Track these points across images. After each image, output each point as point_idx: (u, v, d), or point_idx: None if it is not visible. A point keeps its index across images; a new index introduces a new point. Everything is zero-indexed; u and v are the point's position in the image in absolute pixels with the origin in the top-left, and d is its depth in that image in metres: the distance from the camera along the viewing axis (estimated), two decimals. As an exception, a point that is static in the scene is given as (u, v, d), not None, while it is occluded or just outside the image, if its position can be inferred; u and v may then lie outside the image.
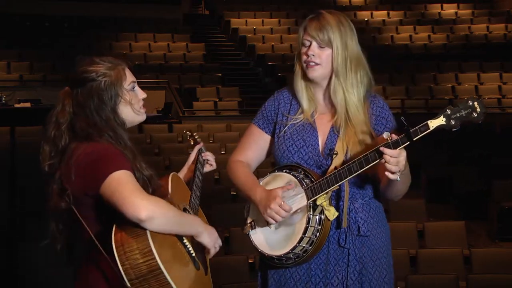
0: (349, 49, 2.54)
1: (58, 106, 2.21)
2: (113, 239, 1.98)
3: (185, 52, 15.66)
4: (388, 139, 2.32)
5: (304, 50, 2.56)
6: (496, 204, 8.00)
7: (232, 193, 7.37)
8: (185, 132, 2.90)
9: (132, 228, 1.98)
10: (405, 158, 2.32)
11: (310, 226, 2.44)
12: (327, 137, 2.57)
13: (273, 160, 2.72)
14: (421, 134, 2.31)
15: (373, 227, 2.56)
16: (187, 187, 2.50)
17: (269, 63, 15.28)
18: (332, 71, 2.55)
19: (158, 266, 1.96)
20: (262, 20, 17.80)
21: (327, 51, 2.53)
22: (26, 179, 7.21)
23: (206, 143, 9.67)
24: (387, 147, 2.31)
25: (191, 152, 2.69)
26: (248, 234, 2.62)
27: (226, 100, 13.56)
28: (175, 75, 14.27)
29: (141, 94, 2.29)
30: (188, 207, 2.37)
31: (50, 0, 16.29)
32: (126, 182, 2.00)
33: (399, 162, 2.30)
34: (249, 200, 2.60)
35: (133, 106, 2.23)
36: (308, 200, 2.46)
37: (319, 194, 2.45)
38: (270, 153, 2.73)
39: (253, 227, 2.61)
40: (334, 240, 2.53)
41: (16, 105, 11.89)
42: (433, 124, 2.31)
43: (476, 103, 2.31)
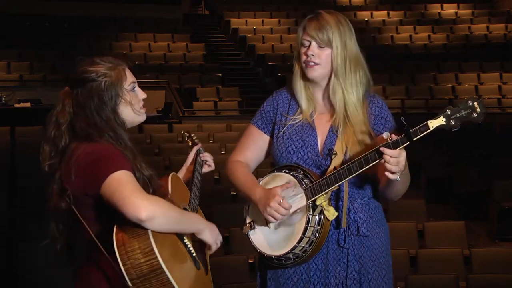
0: (348, 49, 2.54)
1: (58, 106, 2.21)
2: (114, 239, 1.98)
3: (185, 52, 15.65)
4: (388, 139, 2.32)
5: (303, 50, 2.56)
6: (496, 204, 7.99)
7: (232, 193, 7.37)
8: (183, 133, 2.90)
9: (133, 228, 1.98)
10: (405, 158, 2.32)
11: (310, 226, 2.44)
12: (326, 137, 2.57)
13: (272, 161, 2.72)
14: (421, 134, 2.31)
15: (372, 227, 2.56)
16: (186, 187, 2.51)
17: (269, 63, 15.28)
18: (331, 71, 2.55)
19: (159, 265, 1.96)
20: (262, 20, 17.80)
21: (327, 51, 2.53)
22: (26, 179, 7.21)
23: (206, 143, 9.69)
24: (387, 147, 2.31)
25: (190, 152, 2.70)
26: (247, 234, 2.62)
27: (226, 100, 13.55)
28: (175, 75, 14.26)
29: (141, 94, 2.29)
30: (188, 207, 2.37)
31: (50, 0, 16.29)
32: (126, 182, 2.00)
33: (399, 162, 2.30)
34: (249, 199, 2.60)
35: (133, 107, 2.23)
36: (307, 200, 2.46)
37: (319, 194, 2.45)
38: (269, 154, 2.73)
39: (252, 227, 2.61)
40: (334, 240, 2.53)
41: (16, 105, 11.88)
42: (433, 124, 2.31)
43: (476, 103, 2.31)
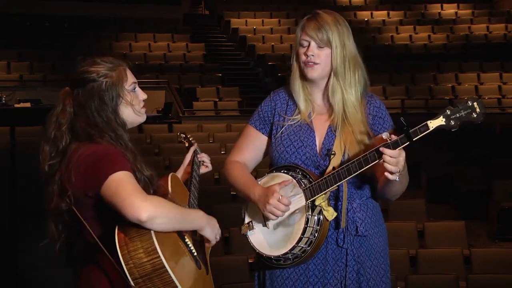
0: (347, 48, 2.54)
1: (58, 106, 2.20)
2: (116, 239, 1.98)
3: (185, 52, 15.65)
4: (387, 139, 2.32)
5: (302, 50, 2.56)
6: (496, 204, 7.99)
7: (232, 193, 7.36)
8: (179, 134, 2.89)
9: (135, 228, 1.98)
10: (404, 158, 2.32)
11: (309, 227, 2.43)
12: (325, 138, 2.57)
13: (270, 161, 2.70)
14: (420, 134, 2.31)
15: (371, 227, 2.56)
16: (185, 187, 2.51)
17: (269, 63, 15.28)
18: (330, 71, 2.55)
19: (162, 264, 1.96)
20: (262, 20, 17.80)
21: (326, 51, 2.53)
22: (26, 179, 7.20)
23: (206, 143, 9.69)
24: (386, 147, 2.31)
25: (187, 153, 2.70)
26: (246, 234, 2.61)
27: (226, 100, 13.55)
28: (175, 75, 14.26)
29: (142, 95, 2.28)
30: (187, 207, 2.37)
31: (50, 0, 16.29)
32: (127, 183, 2.00)
33: (398, 162, 2.30)
34: (248, 199, 2.60)
35: (134, 107, 2.23)
36: (306, 200, 2.46)
37: (318, 194, 2.45)
38: (267, 154, 2.72)
39: (251, 227, 2.60)
40: (333, 240, 2.53)
41: (16, 105, 11.89)
42: (432, 124, 2.31)
43: (475, 104, 2.31)
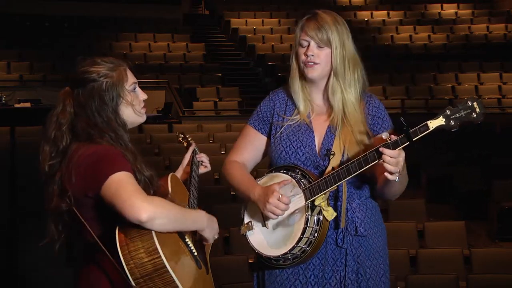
0: (346, 48, 2.54)
1: (58, 106, 2.20)
2: (117, 239, 1.98)
3: (185, 52, 15.65)
4: (387, 139, 2.32)
5: (302, 50, 2.55)
6: (496, 204, 7.99)
7: (232, 193, 7.36)
8: (178, 134, 2.89)
9: (136, 228, 1.98)
10: (404, 158, 2.31)
11: (308, 227, 2.43)
12: (324, 138, 2.56)
13: (269, 161, 2.69)
14: (420, 134, 2.31)
15: (370, 227, 2.56)
16: (185, 187, 2.51)
17: (269, 63, 15.28)
18: (330, 70, 2.55)
19: (163, 264, 1.96)
20: (262, 20, 17.80)
21: (326, 51, 2.53)
22: (26, 179, 7.20)
23: (206, 143, 9.69)
24: (386, 147, 2.31)
25: (186, 153, 2.70)
26: (245, 235, 2.61)
27: (226, 100, 13.55)
28: (175, 75, 14.26)
29: (142, 95, 2.28)
30: (187, 207, 2.37)
31: (50, 0, 16.29)
32: (127, 184, 2.00)
33: (398, 162, 2.29)
34: (247, 199, 2.60)
35: (134, 107, 2.23)
36: (306, 200, 2.46)
37: (318, 194, 2.44)
38: (266, 154, 2.72)
39: (250, 227, 2.60)
40: (332, 240, 2.53)
41: (16, 105, 11.89)
42: (432, 124, 2.31)
43: (475, 104, 2.31)
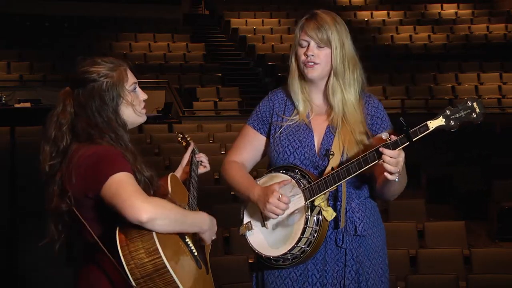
0: (346, 48, 2.55)
1: (59, 106, 2.20)
2: (117, 239, 1.98)
3: (185, 52, 15.65)
4: (387, 139, 2.32)
5: (302, 50, 2.55)
6: (496, 204, 7.99)
7: (232, 193, 7.35)
8: (177, 134, 2.89)
9: (136, 228, 1.98)
10: (404, 158, 2.32)
11: (308, 227, 2.43)
12: (323, 138, 2.56)
13: (269, 161, 2.70)
14: (420, 134, 2.31)
15: (369, 227, 2.56)
16: (185, 187, 2.50)
17: (269, 63, 15.28)
18: (330, 70, 2.55)
19: (164, 264, 1.96)
20: (262, 20, 17.80)
21: (326, 51, 2.53)
22: (26, 179, 7.21)
23: (206, 143, 9.69)
24: (386, 147, 2.31)
25: (185, 153, 2.70)
26: (244, 235, 2.61)
27: (226, 100, 13.55)
28: (175, 75, 14.26)
29: (142, 95, 2.28)
30: (187, 207, 2.37)
31: (50, 0, 16.29)
32: (127, 184, 2.00)
33: (398, 163, 2.30)
34: (247, 199, 2.60)
35: (134, 108, 2.22)
36: (306, 200, 2.46)
37: (317, 194, 2.44)
38: (265, 154, 2.72)
39: (249, 228, 2.60)
40: (331, 240, 2.53)
41: (16, 105, 11.89)
42: (432, 124, 2.31)
43: (475, 104, 2.31)
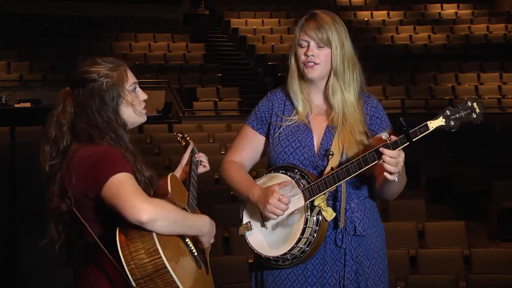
0: (345, 48, 2.55)
1: (59, 106, 2.19)
2: (117, 240, 1.98)
3: (185, 52, 15.65)
4: (387, 139, 2.32)
5: (302, 50, 2.55)
6: (496, 204, 7.99)
7: (231, 193, 7.35)
8: (176, 134, 2.89)
9: (136, 228, 1.97)
10: (403, 159, 2.32)
11: (308, 227, 2.43)
12: (322, 138, 2.56)
13: (268, 161, 2.69)
14: (420, 135, 2.31)
15: (369, 227, 2.56)
16: (184, 187, 2.50)
17: (269, 63, 15.27)
18: (330, 70, 2.55)
19: (164, 265, 1.96)
20: (262, 20, 17.80)
21: (326, 51, 2.53)
22: (26, 179, 7.21)
23: (206, 143, 9.69)
24: (386, 147, 2.31)
25: (184, 153, 2.70)
26: (244, 235, 2.61)
27: (226, 100, 13.55)
28: (175, 75, 14.26)
29: (143, 95, 2.28)
30: (186, 207, 2.37)
31: (50, 0, 16.30)
32: (127, 185, 2.00)
33: (398, 163, 2.30)
34: (246, 200, 2.59)
35: (134, 108, 2.22)
36: (305, 201, 2.46)
37: (317, 195, 2.44)
38: (264, 154, 2.72)
39: (249, 228, 2.59)
40: (331, 240, 2.53)
41: (16, 105, 11.89)
42: (432, 125, 2.31)
43: (475, 104, 2.31)
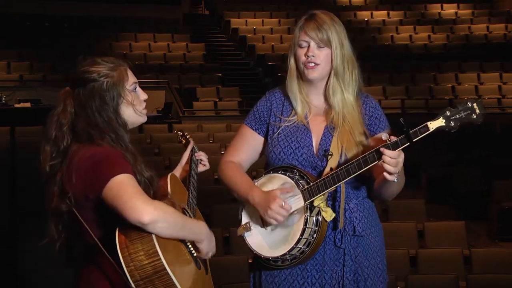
0: (345, 48, 2.55)
1: (59, 106, 2.19)
2: (117, 241, 1.98)
3: (185, 52, 15.66)
4: (387, 140, 2.32)
5: (302, 51, 2.54)
6: (496, 204, 7.99)
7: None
8: (176, 132, 2.89)
9: (136, 230, 1.98)
10: (403, 159, 2.32)
11: (307, 228, 2.43)
12: (321, 138, 2.56)
13: (266, 161, 2.69)
14: (420, 135, 2.31)
15: (367, 227, 2.56)
16: (184, 187, 2.50)
17: (269, 63, 15.28)
18: (330, 71, 2.55)
19: (163, 266, 1.96)
20: (262, 20, 17.80)
21: (326, 51, 2.53)
22: (26, 179, 7.21)
23: (206, 143, 9.69)
24: (386, 148, 2.31)
25: (185, 151, 2.69)
26: (243, 235, 2.60)
27: (226, 100, 13.55)
28: (175, 75, 14.26)
29: (143, 95, 2.27)
30: (186, 207, 2.37)
31: (50, 0, 16.30)
32: (128, 186, 2.00)
33: (398, 163, 2.30)
34: (245, 201, 2.58)
35: (135, 107, 2.22)
36: (305, 201, 2.45)
37: (317, 195, 2.44)
38: (262, 154, 2.71)
39: (248, 228, 2.59)
40: (330, 240, 2.53)
41: (16, 105, 11.89)
42: (432, 125, 2.31)
43: (475, 105, 2.32)
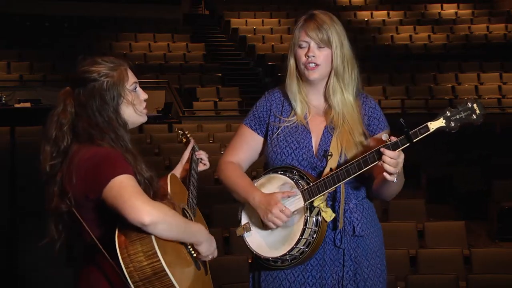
0: (345, 48, 2.55)
1: (59, 106, 2.19)
2: (116, 242, 1.98)
3: (185, 52, 15.66)
4: (387, 140, 2.32)
5: (302, 51, 2.54)
6: (496, 204, 7.99)
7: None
8: (177, 131, 2.89)
9: (135, 231, 1.97)
10: (403, 159, 2.32)
11: (307, 228, 2.43)
12: (321, 138, 2.56)
13: (266, 161, 2.69)
14: (421, 136, 2.32)
15: (367, 227, 2.56)
16: (184, 187, 2.50)
17: (269, 63, 15.28)
18: (330, 71, 2.55)
19: (162, 268, 1.96)
20: (262, 20, 17.80)
21: (326, 51, 2.52)
22: (26, 179, 7.21)
23: (206, 143, 9.69)
24: (386, 148, 2.31)
25: (185, 150, 2.69)
26: (242, 236, 2.60)
27: (226, 100, 13.56)
28: (175, 75, 14.27)
29: (143, 95, 2.27)
30: (186, 207, 2.37)
31: (50, 0, 16.30)
32: (128, 186, 1.99)
33: (398, 163, 2.30)
34: (244, 202, 2.58)
35: (135, 107, 2.22)
36: (305, 202, 2.45)
37: (317, 195, 2.44)
38: (262, 154, 2.71)
39: (247, 229, 2.58)
40: (330, 240, 2.53)
41: (16, 105, 11.89)
42: (433, 126, 2.31)
43: (475, 105, 2.32)
